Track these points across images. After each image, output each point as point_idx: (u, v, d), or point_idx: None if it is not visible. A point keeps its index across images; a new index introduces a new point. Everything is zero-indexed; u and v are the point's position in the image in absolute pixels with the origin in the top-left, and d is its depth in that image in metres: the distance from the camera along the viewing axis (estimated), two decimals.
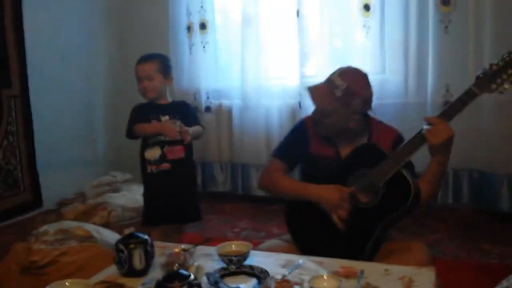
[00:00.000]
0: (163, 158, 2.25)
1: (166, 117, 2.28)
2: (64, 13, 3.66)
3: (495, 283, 1.55)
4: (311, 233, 1.77)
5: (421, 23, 3.10)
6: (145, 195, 2.37)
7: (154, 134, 2.26)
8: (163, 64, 2.32)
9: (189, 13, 3.73)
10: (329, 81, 1.76)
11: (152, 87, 2.27)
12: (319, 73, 3.37)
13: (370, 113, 1.85)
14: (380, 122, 1.87)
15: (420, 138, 1.62)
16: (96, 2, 3.98)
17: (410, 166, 1.69)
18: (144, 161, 2.29)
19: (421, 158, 1.69)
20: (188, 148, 2.31)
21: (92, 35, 3.94)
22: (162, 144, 2.26)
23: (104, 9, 4.06)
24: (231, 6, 3.72)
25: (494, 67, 1.57)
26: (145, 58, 2.32)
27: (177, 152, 2.27)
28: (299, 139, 1.88)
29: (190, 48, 3.76)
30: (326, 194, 1.70)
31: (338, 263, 1.50)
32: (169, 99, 2.37)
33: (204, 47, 3.74)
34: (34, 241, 2.16)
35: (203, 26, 3.74)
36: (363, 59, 3.28)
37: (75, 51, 3.76)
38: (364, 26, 3.24)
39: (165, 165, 2.26)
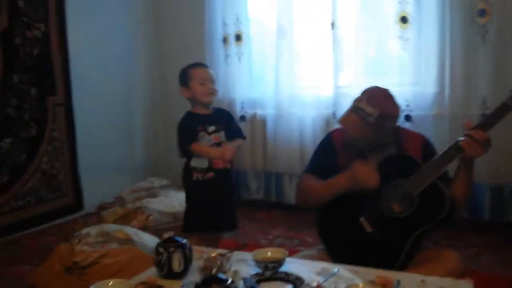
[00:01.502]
0: (209, 167, 2.29)
1: (213, 127, 2.29)
2: (106, 24, 3.81)
3: None
4: (343, 244, 1.78)
5: (457, 35, 3.06)
6: (188, 201, 2.40)
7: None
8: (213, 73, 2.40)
9: (225, 25, 3.81)
10: (359, 109, 1.73)
11: (215, 90, 2.32)
12: (353, 84, 3.38)
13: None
14: (406, 129, 1.91)
15: (457, 150, 1.62)
16: (135, 14, 4.12)
17: (444, 175, 1.69)
18: (188, 168, 2.32)
19: None
20: (233, 159, 2.36)
21: (131, 46, 4.08)
22: None
23: (143, 21, 4.20)
24: (266, 17, 3.78)
25: None
26: (203, 64, 2.41)
27: (224, 163, 2.30)
28: (327, 153, 1.90)
29: (226, 59, 3.83)
30: (352, 172, 1.70)
31: (373, 273, 1.51)
32: (211, 108, 2.38)
33: (239, 58, 3.81)
34: (77, 243, 2.25)
35: (238, 37, 3.81)
36: (399, 71, 3.28)
37: (116, 62, 3.91)
38: (400, 38, 3.23)
39: (210, 174, 2.29)
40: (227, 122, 2.36)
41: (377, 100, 1.73)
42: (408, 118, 3.24)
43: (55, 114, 3.47)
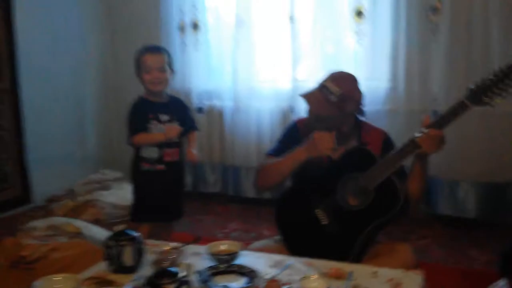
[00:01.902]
0: (160, 159, 2.24)
1: (166, 117, 2.23)
2: (55, 8, 3.65)
3: None
4: (299, 235, 1.79)
5: (411, 32, 3.13)
6: (136, 192, 2.35)
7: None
8: (170, 57, 2.28)
9: (181, 12, 3.73)
10: (323, 87, 1.77)
11: (163, 79, 2.21)
12: (311, 77, 3.40)
13: (359, 116, 1.89)
14: (368, 124, 1.92)
15: (413, 146, 1.64)
16: None
17: (401, 170, 1.72)
18: (138, 158, 2.26)
19: None
20: (182, 150, 2.31)
21: (83, 30, 3.92)
22: (160, 145, 2.23)
23: (95, 5, 4.04)
24: (223, 6, 3.72)
25: (486, 81, 1.58)
26: (156, 49, 2.26)
27: (174, 155, 2.26)
28: (292, 140, 1.90)
29: (183, 48, 3.75)
30: (309, 143, 1.73)
31: (327, 265, 1.52)
32: (166, 96, 2.31)
33: (196, 47, 3.75)
34: (24, 236, 2.16)
35: (195, 26, 3.74)
36: (354, 65, 3.32)
37: (66, 47, 3.75)
38: (356, 32, 3.27)
39: (160, 167, 2.24)
40: (181, 112, 2.30)
41: (341, 81, 1.77)
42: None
43: (1, 102, 3.30)
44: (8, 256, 2.10)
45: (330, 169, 1.79)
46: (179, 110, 2.31)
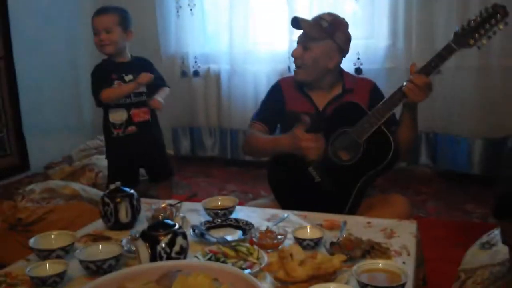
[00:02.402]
0: (129, 121, 2.20)
1: (130, 76, 2.19)
2: None
3: (476, 240, 1.59)
4: (293, 192, 1.80)
5: None
6: (110, 159, 2.33)
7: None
8: (123, 17, 2.20)
9: None
10: (317, 16, 1.83)
11: (110, 40, 2.14)
12: None
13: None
14: (353, 75, 1.93)
15: (400, 95, 1.64)
16: None
17: (392, 119, 1.72)
18: (107, 124, 2.22)
19: None
20: (153, 110, 2.26)
21: None
22: (127, 106, 2.19)
23: None
24: None
25: (472, 22, 1.58)
26: (104, 10, 2.20)
27: (143, 115, 2.22)
28: (275, 100, 1.91)
29: (177, 11, 3.68)
30: (289, 138, 1.72)
31: (321, 217, 1.53)
32: (129, 56, 2.25)
33: (191, 10, 3.67)
34: (21, 200, 2.16)
35: None
36: (353, 24, 3.23)
37: (59, 13, 3.66)
38: None
39: (132, 128, 2.21)
40: (146, 71, 2.20)
41: (334, 15, 1.84)
42: (358, 71, 3.26)
43: None
44: (5, 219, 2.11)
45: (320, 125, 1.78)
46: (145, 69, 2.22)
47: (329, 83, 1.84)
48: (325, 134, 1.73)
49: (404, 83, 1.63)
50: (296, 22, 1.81)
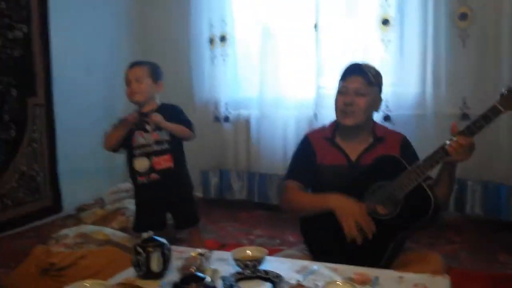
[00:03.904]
0: (151, 169, 2.26)
1: (152, 125, 2.26)
2: (89, 26, 3.76)
3: None
4: (326, 243, 1.77)
5: (439, 38, 3.11)
6: (137, 204, 2.41)
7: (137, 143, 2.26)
8: (153, 69, 2.32)
9: (210, 26, 3.80)
10: (363, 66, 1.86)
11: (139, 89, 2.26)
12: (335, 85, 3.38)
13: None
14: (383, 126, 1.94)
15: (443, 153, 1.61)
16: (119, 15, 4.08)
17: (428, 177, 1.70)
18: (132, 172, 2.30)
19: None
20: (178, 157, 2.31)
21: (115, 47, 4.03)
22: (149, 155, 2.26)
23: (127, 22, 4.16)
24: (250, 19, 3.77)
25: None
26: (136, 63, 2.34)
27: (164, 162, 2.27)
28: (306, 155, 1.90)
29: (212, 60, 3.81)
30: (344, 202, 1.70)
31: (352, 270, 1.51)
32: (157, 104, 2.33)
33: (224, 59, 3.80)
34: (54, 244, 2.20)
35: (223, 38, 3.80)
36: (381, 70, 3.28)
37: (98, 64, 3.85)
38: (382, 40, 3.26)
39: (154, 176, 2.26)
40: (172, 117, 2.28)
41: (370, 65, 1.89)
42: (387, 118, 3.27)
43: (35, 115, 3.41)
44: (38, 263, 2.14)
45: (357, 177, 1.77)
46: (170, 116, 2.28)
47: (363, 132, 1.85)
48: (361, 186, 1.72)
49: (447, 142, 1.61)
50: (357, 68, 1.84)
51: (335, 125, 1.90)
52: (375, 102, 1.84)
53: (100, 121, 3.87)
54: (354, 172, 1.79)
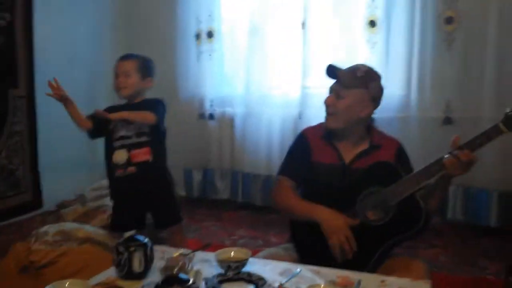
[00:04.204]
0: (129, 161, 2.20)
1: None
2: (73, 17, 3.70)
3: None
4: (313, 244, 1.76)
5: (425, 41, 3.14)
6: (113, 199, 2.35)
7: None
8: (143, 64, 2.26)
9: (198, 21, 3.77)
10: (352, 66, 1.85)
11: (127, 83, 2.21)
12: (321, 85, 3.39)
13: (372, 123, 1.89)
14: (381, 131, 1.91)
15: (439, 166, 1.61)
16: (104, 8, 4.02)
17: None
18: (109, 165, 2.24)
19: None
20: (157, 151, 2.25)
21: (99, 40, 3.98)
22: (128, 147, 2.21)
23: (112, 15, 4.10)
24: (238, 16, 3.76)
25: None
26: (127, 56, 2.28)
27: (142, 155, 2.21)
28: (301, 151, 1.88)
29: (198, 56, 3.78)
30: (332, 222, 1.68)
31: (334, 273, 1.51)
32: (143, 99, 2.29)
33: (210, 55, 3.78)
34: (34, 241, 2.17)
35: (210, 34, 3.78)
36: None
37: (82, 55, 3.80)
38: (368, 41, 3.28)
39: (131, 169, 2.20)
40: (149, 109, 2.21)
41: (368, 66, 1.87)
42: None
43: (16, 108, 3.35)
44: (18, 261, 2.11)
45: (352, 181, 1.77)
46: (148, 108, 2.22)
47: (357, 136, 1.83)
48: (354, 190, 1.72)
49: (446, 156, 1.60)
50: (331, 70, 1.82)
51: None
52: (361, 105, 1.78)
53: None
54: (347, 174, 1.79)
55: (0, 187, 3.25)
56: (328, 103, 1.81)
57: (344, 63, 3.34)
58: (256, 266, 1.60)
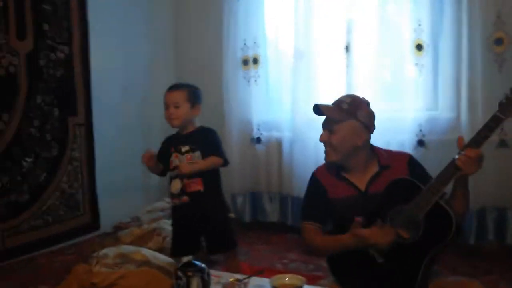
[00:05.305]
0: (183, 191, 2.30)
1: (186, 147, 2.31)
2: (126, 46, 3.88)
3: None
4: (354, 274, 1.77)
5: (474, 63, 3.08)
6: (172, 227, 2.47)
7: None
8: (192, 93, 2.36)
9: (243, 48, 3.86)
10: (336, 100, 1.91)
11: (177, 114, 2.31)
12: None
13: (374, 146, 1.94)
14: (386, 149, 1.95)
15: (453, 168, 1.64)
16: (156, 36, 4.20)
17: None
18: (169, 195, 2.38)
19: None
20: (210, 180, 2.33)
21: (151, 68, 4.15)
22: (181, 177, 2.30)
23: (163, 43, 4.28)
24: (283, 40, 3.82)
25: None
26: (175, 86, 2.39)
27: (195, 185, 2.30)
28: (317, 193, 1.93)
29: (244, 82, 3.87)
30: (355, 238, 1.70)
31: None
32: (195, 127, 2.39)
33: (255, 80, 3.85)
34: (95, 264, 2.28)
35: (255, 60, 3.85)
36: (415, 95, 3.30)
37: (135, 83, 3.98)
38: (416, 64, 3.26)
39: (185, 198, 2.30)
40: (205, 141, 2.33)
41: (352, 95, 1.96)
42: (420, 143, 3.26)
43: (76, 134, 3.54)
44: (80, 282, 2.22)
45: (373, 207, 1.78)
46: (203, 139, 2.34)
47: (363, 162, 1.87)
48: (376, 214, 1.73)
49: (456, 157, 1.64)
50: (317, 108, 1.90)
51: None
52: (355, 134, 1.83)
53: (137, 140, 4.00)
54: (366, 201, 1.81)
55: (60, 210, 3.43)
56: (322, 140, 1.90)
57: (391, 87, 3.40)
58: None
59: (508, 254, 3.07)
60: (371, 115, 1.89)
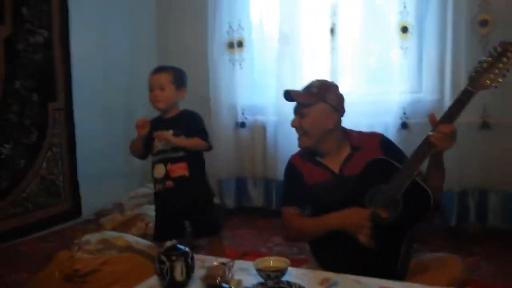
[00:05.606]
0: (167, 176, 2.26)
1: (171, 131, 2.26)
2: (109, 30, 3.81)
3: None
4: (337, 257, 1.76)
5: (458, 45, 3.08)
6: (156, 211, 2.43)
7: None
8: (177, 76, 2.32)
9: (228, 31, 3.81)
10: (306, 85, 1.93)
11: (162, 96, 2.26)
12: (352, 90, 3.38)
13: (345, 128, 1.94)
14: (358, 131, 1.96)
15: (428, 145, 1.64)
16: (138, 19, 4.12)
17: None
18: (153, 180, 2.33)
19: None
20: (195, 165, 2.30)
21: (133, 52, 4.08)
22: (165, 161, 2.26)
23: (146, 28, 4.20)
24: (268, 23, 3.79)
25: (484, 63, 1.62)
26: (160, 69, 2.34)
27: (179, 170, 2.26)
28: (294, 179, 1.93)
29: (229, 65, 3.82)
30: (348, 219, 1.71)
31: (376, 283, 1.50)
32: (178, 111, 2.35)
33: (240, 64, 3.82)
34: (77, 250, 2.24)
35: (240, 43, 3.81)
36: (400, 78, 3.29)
37: (117, 68, 3.90)
38: (401, 47, 3.25)
39: (169, 183, 2.26)
40: (189, 125, 2.29)
41: (321, 80, 1.94)
42: (404, 125, 3.26)
43: (55, 120, 3.47)
44: (62, 269, 2.18)
45: (351, 188, 1.79)
46: (187, 123, 2.29)
47: (336, 145, 1.88)
48: (356, 196, 1.73)
49: (430, 133, 1.64)
50: (288, 94, 1.90)
51: None
52: (325, 117, 1.84)
53: (119, 126, 3.94)
54: (342, 184, 1.82)
55: (41, 197, 3.37)
56: (294, 125, 1.91)
57: (375, 71, 3.38)
58: (295, 275, 1.61)
59: (489, 235, 3.11)
60: (340, 98, 1.90)
